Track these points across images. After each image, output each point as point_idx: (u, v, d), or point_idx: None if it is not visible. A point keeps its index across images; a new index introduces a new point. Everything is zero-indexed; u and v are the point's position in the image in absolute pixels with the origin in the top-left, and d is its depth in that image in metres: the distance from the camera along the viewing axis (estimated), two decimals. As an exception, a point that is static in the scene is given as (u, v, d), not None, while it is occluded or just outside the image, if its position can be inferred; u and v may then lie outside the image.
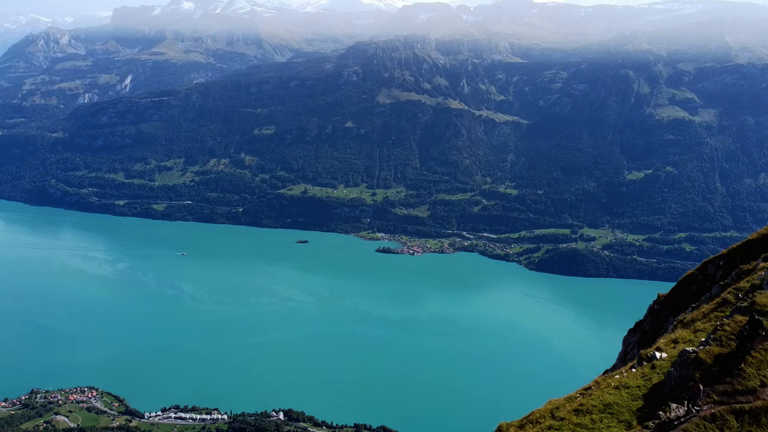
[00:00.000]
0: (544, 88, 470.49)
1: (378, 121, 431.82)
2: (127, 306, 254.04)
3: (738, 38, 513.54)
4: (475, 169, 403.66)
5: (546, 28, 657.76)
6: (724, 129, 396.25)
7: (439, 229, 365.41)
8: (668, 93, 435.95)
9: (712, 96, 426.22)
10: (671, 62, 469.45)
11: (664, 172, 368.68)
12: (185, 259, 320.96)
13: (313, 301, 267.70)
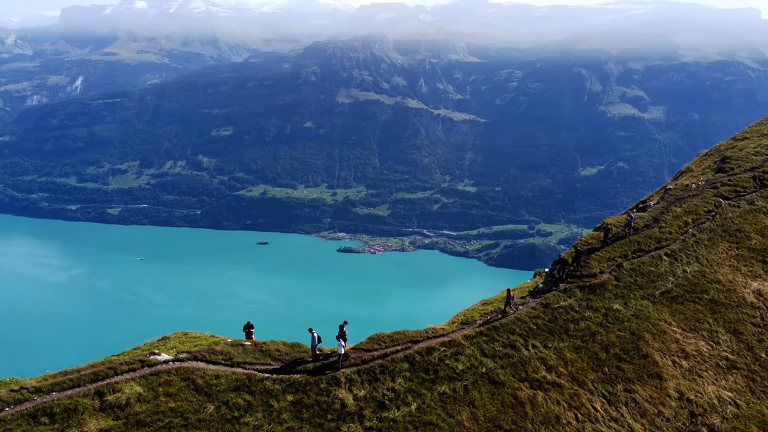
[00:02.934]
0: (501, 87, 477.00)
1: (337, 121, 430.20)
2: (82, 313, 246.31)
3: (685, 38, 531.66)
4: (434, 167, 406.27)
5: (502, 28, 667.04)
6: (672, 125, 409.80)
7: (399, 227, 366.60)
8: (619, 91, 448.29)
9: (661, 93, 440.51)
10: (622, 61, 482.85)
11: (616, 168, 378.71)
12: (143, 264, 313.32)
13: (277, 302, 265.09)
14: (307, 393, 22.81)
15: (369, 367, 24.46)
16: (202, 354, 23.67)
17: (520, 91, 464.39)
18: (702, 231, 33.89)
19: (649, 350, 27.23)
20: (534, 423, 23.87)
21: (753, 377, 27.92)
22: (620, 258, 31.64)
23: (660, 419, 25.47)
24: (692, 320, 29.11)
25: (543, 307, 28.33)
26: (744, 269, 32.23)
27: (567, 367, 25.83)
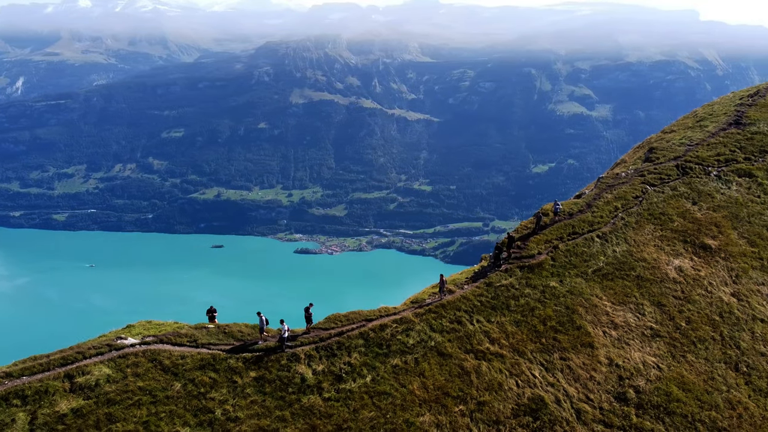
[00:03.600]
0: (454, 87, 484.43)
1: (292, 122, 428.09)
2: (28, 323, 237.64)
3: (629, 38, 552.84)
4: (389, 167, 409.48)
5: (454, 28, 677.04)
6: (618, 123, 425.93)
7: (356, 227, 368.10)
8: (568, 90, 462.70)
9: (607, 92, 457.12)
10: (570, 61, 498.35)
11: (566, 165, 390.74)
12: (93, 271, 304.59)
13: (233, 305, 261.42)
14: (269, 369, 24.42)
15: (327, 344, 26.25)
16: (168, 337, 24.94)
17: (473, 91, 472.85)
18: (630, 215, 37.18)
19: (582, 322, 30.05)
20: (479, 390, 26.19)
21: (674, 344, 31.06)
22: (556, 240, 34.54)
23: (592, 383, 28.20)
24: (621, 295, 32.14)
25: (486, 286, 30.85)
26: (667, 248, 35.56)
27: (508, 339, 28.31)
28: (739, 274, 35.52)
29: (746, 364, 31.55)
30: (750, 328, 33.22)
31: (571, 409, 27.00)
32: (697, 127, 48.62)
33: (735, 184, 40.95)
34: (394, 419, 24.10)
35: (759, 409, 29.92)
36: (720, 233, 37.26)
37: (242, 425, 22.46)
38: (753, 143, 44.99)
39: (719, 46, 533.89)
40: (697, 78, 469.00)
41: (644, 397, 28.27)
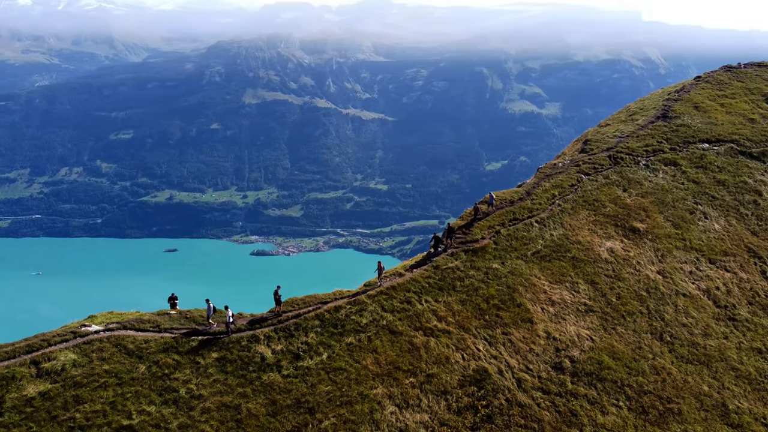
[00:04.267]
0: (407, 86, 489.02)
1: (245, 122, 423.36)
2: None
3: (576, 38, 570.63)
4: (345, 166, 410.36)
5: (407, 28, 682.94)
6: (567, 120, 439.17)
7: (313, 227, 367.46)
8: (519, 88, 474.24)
9: (557, 90, 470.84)
10: (520, 60, 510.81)
11: (518, 162, 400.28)
12: (40, 279, 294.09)
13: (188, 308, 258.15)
14: (230, 350, 25.86)
15: (285, 326, 27.84)
16: (131, 323, 26.04)
17: (426, 90, 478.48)
18: (566, 201, 40.14)
19: (522, 300, 32.60)
20: (428, 363, 28.30)
21: (605, 318, 33.99)
22: (498, 226, 37.12)
23: (531, 354, 30.73)
24: (557, 274, 34.88)
25: (434, 269, 33.07)
26: (600, 232, 38.60)
27: (454, 316, 30.55)
28: (664, 253, 38.89)
29: (670, 334, 34.76)
30: (673, 302, 36.52)
31: (512, 378, 29.41)
32: (629, 121, 52.29)
33: (661, 173, 44.54)
34: (349, 392, 25.92)
35: (680, 373, 33.11)
36: (647, 217, 40.62)
37: (206, 402, 23.84)
38: (678, 135, 48.83)
39: (661, 46, 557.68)
40: (641, 76, 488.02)
41: (578, 366, 30.97)
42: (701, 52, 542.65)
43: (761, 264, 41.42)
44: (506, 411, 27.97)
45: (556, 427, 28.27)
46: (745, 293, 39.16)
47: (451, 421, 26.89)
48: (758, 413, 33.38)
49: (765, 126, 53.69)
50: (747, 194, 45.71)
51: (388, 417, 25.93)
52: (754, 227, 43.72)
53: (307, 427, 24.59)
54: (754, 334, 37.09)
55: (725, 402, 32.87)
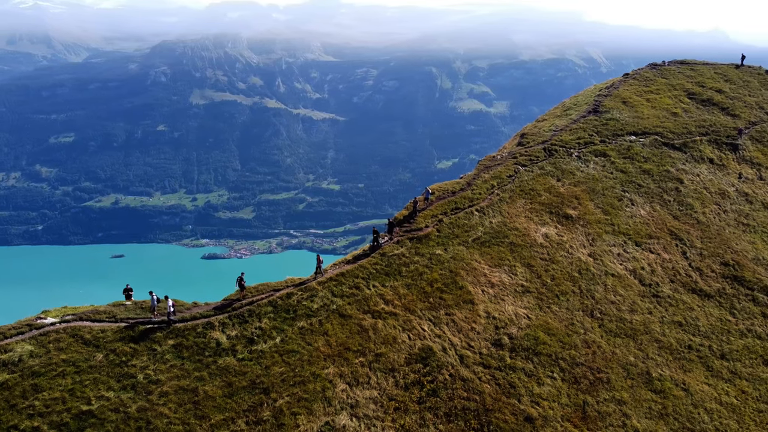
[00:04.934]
0: (358, 86, 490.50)
1: (193, 123, 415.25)
2: None
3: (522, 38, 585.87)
4: (297, 167, 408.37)
5: (356, 28, 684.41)
6: (515, 118, 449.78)
7: (266, 229, 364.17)
8: (467, 87, 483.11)
9: (504, 89, 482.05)
10: (468, 59, 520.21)
11: (468, 160, 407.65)
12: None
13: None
14: (186, 337, 26.94)
15: (239, 313, 29.10)
16: (87, 314, 26.76)
17: (377, 90, 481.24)
18: (504, 191, 42.79)
19: (464, 283, 34.85)
20: (376, 344, 30.12)
21: (541, 297, 36.64)
22: (441, 215, 39.37)
23: (473, 333, 32.97)
24: (496, 259, 37.35)
25: (381, 256, 34.95)
26: (536, 219, 41.35)
27: (401, 300, 32.48)
28: (595, 237, 42.00)
29: (599, 311, 37.74)
30: (603, 282, 39.58)
31: (455, 355, 31.56)
32: (563, 116, 55.64)
33: (592, 163, 47.83)
34: (302, 372, 27.44)
35: (609, 346, 36.08)
36: (579, 204, 43.69)
37: (163, 386, 24.89)
38: (607, 128, 52.38)
39: (602, 45, 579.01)
40: (584, 75, 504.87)
41: (516, 342, 33.43)
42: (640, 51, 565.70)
43: (682, 246, 45.13)
44: (450, 385, 30.06)
45: (496, 398, 30.55)
46: (667, 272, 42.68)
47: (399, 396, 28.77)
48: (678, 380, 36.71)
49: (687, 119, 58.07)
50: (670, 182, 49.57)
51: (339, 394, 27.59)
52: (676, 212, 47.53)
53: (263, 406, 25.96)
54: (675, 309, 40.57)
55: (649, 371, 36.01)
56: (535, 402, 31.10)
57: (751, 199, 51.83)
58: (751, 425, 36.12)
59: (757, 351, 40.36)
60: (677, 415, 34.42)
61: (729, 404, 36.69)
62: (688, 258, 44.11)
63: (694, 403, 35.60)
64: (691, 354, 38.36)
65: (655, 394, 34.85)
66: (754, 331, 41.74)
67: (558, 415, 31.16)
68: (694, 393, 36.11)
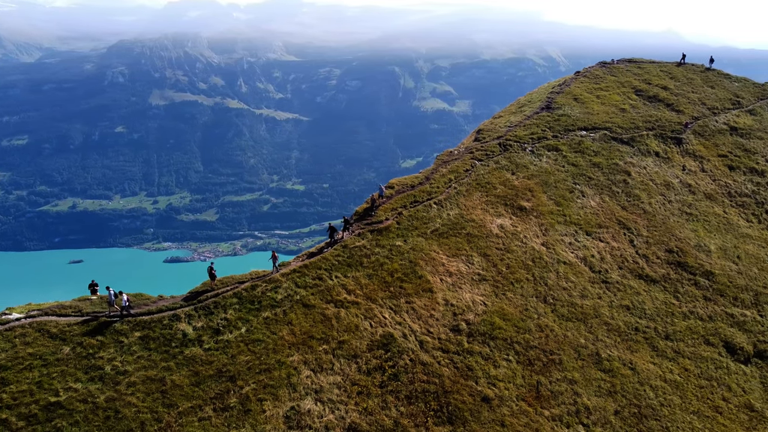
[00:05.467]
0: (321, 85, 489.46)
1: (153, 125, 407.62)
2: None
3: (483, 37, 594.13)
4: (260, 168, 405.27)
5: (318, 27, 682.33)
6: (477, 117, 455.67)
7: (230, 231, 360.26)
8: (430, 87, 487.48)
9: (466, 88, 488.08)
10: (431, 59, 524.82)
11: (432, 159, 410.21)
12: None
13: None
14: (152, 329, 27.60)
15: (204, 305, 29.88)
16: (53, 309, 27.16)
17: (340, 89, 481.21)
18: (461, 185, 44.51)
19: (423, 272, 36.34)
20: (339, 332, 31.31)
21: (496, 285, 38.41)
22: (401, 208, 40.83)
23: (432, 320, 34.46)
24: (454, 249, 38.98)
25: (342, 248, 36.18)
26: (491, 210, 43.18)
27: (362, 289, 33.73)
28: (548, 228, 44.07)
29: (552, 296, 39.75)
30: (555, 270, 41.63)
31: (416, 341, 32.99)
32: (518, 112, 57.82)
33: (545, 157, 50.02)
34: (267, 360, 28.43)
35: (561, 329, 38.08)
36: (533, 196, 45.73)
37: (131, 377, 25.55)
38: (559, 123, 54.74)
39: (561, 44, 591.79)
40: (544, 74, 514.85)
41: (473, 327, 35.08)
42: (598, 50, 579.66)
43: (630, 234, 47.66)
44: (410, 369, 31.47)
45: (455, 380, 32.09)
46: (616, 260, 45.08)
47: (362, 381, 30.03)
48: (626, 359, 38.99)
49: (634, 115, 61.00)
50: (618, 175, 52.17)
51: (304, 380, 28.68)
52: (624, 203, 50.10)
53: (229, 393, 26.86)
54: (623, 294, 42.94)
55: (599, 352, 38.17)
56: (492, 383, 32.75)
57: (694, 189, 54.89)
58: (693, 400, 38.58)
59: (698, 331, 42.95)
60: (625, 393, 36.59)
61: (673, 381, 39.08)
62: (635, 246, 46.61)
63: (640, 381, 37.84)
64: (637, 335, 40.69)
65: (604, 374, 36.95)
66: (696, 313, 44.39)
67: (513, 395, 32.89)
68: (641, 371, 38.37)
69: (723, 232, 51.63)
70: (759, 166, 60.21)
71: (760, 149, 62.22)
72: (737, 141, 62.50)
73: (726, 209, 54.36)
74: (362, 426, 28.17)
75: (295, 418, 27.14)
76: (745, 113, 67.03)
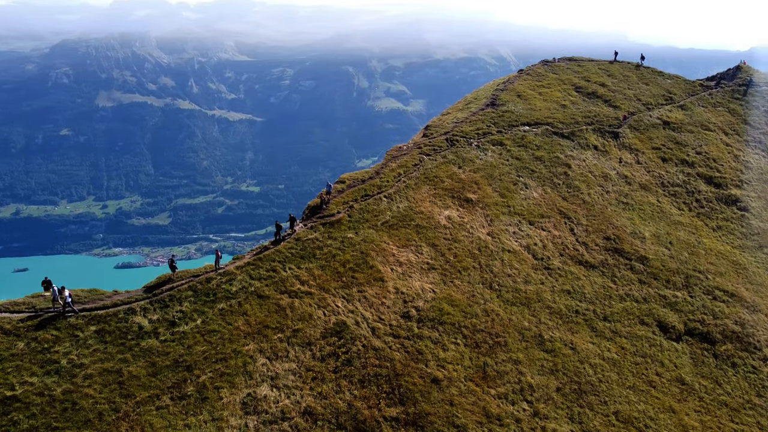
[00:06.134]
0: (274, 85, 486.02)
1: (100, 127, 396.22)
2: None
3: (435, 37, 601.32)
4: (214, 169, 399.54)
5: (269, 27, 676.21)
6: (431, 116, 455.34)
7: (183, 235, 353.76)
8: (384, 86, 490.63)
9: (420, 88, 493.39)
10: (384, 59, 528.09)
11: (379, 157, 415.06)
12: None
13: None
14: (107, 323, 28.11)
15: (159, 298, 30.53)
16: (5, 306, 27.37)
17: (294, 89, 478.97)
18: (410, 178, 46.27)
19: (374, 263, 37.84)
20: (293, 321, 32.45)
21: (444, 273, 40.26)
22: (352, 201, 42.26)
23: (383, 307, 35.97)
24: (404, 240, 40.63)
25: (296, 241, 37.34)
26: (439, 203, 45.07)
27: (316, 280, 34.96)
28: (493, 218, 46.27)
29: (497, 283, 41.87)
30: (500, 258, 43.82)
31: (368, 328, 34.43)
32: (465, 109, 60.08)
33: (490, 151, 52.33)
34: (223, 350, 29.35)
35: (506, 313, 40.23)
36: (479, 189, 47.86)
37: (88, 369, 26.05)
38: (504, 119, 57.23)
39: (512, 44, 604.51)
40: (495, 73, 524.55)
41: (423, 314, 36.78)
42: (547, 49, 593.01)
43: (570, 223, 50.39)
44: (363, 355, 32.88)
45: (406, 364, 33.69)
46: (557, 247, 47.65)
47: (316, 367, 31.27)
48: (567, 340, 41.45)
49: (574, 111, 64.15)
50: (559, 167, 54.96)
51: (259, 368, 29.71)
52: (565, 194, 52.87)
53: (186, 382, 27.65)
54: (564, 279, 45.49)
55: (541, 333, 40.47)
56: (441, 365, 34.49)
57: (630, 180, 58.28)
58: (629, 376, 41.31)
59: (634, 312, 45.86)
60: (566, 371, 38.94)
61: (610, 359, 41.73)
62: (575, 234, 49.34)
63: (580, 359, 40.31)
64: (578, 317, 43.23)
65: (546, 354, 39.22)
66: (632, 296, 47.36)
67: (461, 376, 34.70)
68: (581, 351, 40.85)
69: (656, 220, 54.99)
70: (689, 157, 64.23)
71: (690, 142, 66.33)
72: (670, 134, 66.46)
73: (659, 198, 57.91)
74: (317, 409, 29.40)
75: (251, 404, 28.15)
76: (677, 108, 71.27)
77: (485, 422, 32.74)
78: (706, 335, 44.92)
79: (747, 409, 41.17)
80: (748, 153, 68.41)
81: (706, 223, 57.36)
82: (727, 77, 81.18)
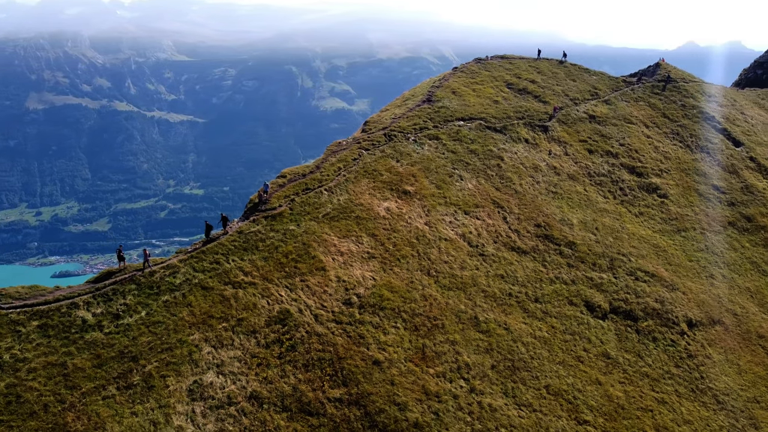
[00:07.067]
0: (216, 86, 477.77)
1: (31, 130, 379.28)
2: None
3: (377, 36, 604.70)
4: (155, 173, 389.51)
5: (209, 26, 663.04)
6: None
7: (125, 240, 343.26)
8: (328, 86, 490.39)
9: (364, 87, 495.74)
10: (327, 58, 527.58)
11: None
12: None
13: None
14: (50, 317, 28.47)
15: (102, 292, 31.01)
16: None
17: (236, 89, 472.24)
18: (350, 172, 47.97)
19: (316, 253, 39.32)
20: (238, 310, 33.55)
21: (384, 262, 42.15)
22: (293, 195, 43.60)
23: (326, 295, 37.51)
24: (344, 231, 42.29)
25: (238, 234, 38.38)
26: (378, 195, 46.95)
27: (259, 271, 36.13)
28: (430, 209, 48.53)
29: (435, 269, 44.09)
30: (437, 246, 46.08)
31: (311, 315, 35.88)
32: (402, 105, 62.26)
33: (426, 146, 54.64)
34: (168, 340, 30.17)
35: (443, 298, 42.48)
36: (416, 181, 50.04)
37: (31, 363, 26.42)
38: (439, 115, 59.73)
39: (453, 44, 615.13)
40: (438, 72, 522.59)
41: (364, 300, 38.52)
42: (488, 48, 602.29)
43: (503, 212, 53.27)
44: (307, 340, 34.33)
45: (348, 348, 35.34)
46: (491, 235, 50.36)
47: (261, 354, 32.50)
48: (501, 321, 44.10)
49: (506, 106, 67.39)
50: (492, 160, 57.86)
51: (205, 356, 30.70)
52: (498, 185, 55.76)
53: (132, 372, 28.37)
54: (498, 264, 48.21)
55: (477, 315, 42.94)
56: (382, 348, 36.32)
57: (559, 171, 61.86)
58: (558, 352, 44.31)
59: (563, 294, 49.02)
60: (500, 349, 41.51)
61: (541, 338, 44.62)
62: (507, 222, 52.22)
63: (513, 339, 42.99)
64: (511, 300, 45.97)
65: (482, 334, 41.67)
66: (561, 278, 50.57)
67: (401, 357, 36.64)
68: (514, 331, 43.55)
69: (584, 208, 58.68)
70: (613, 149, 68.59)
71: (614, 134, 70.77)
72: (595, 128, 70.73)
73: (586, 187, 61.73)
74: (263, 393, 30.64)
75: (198, 391, 29.13)
76: (602, 103, 75.82)
77: (424, 399, 34.75)
78: (629, 313, 48.35)
79: (666, 378, 44.72)
80: (666, 144, 73.52)
81: (629, 209, 61.51)
82: (647, 74, 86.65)
